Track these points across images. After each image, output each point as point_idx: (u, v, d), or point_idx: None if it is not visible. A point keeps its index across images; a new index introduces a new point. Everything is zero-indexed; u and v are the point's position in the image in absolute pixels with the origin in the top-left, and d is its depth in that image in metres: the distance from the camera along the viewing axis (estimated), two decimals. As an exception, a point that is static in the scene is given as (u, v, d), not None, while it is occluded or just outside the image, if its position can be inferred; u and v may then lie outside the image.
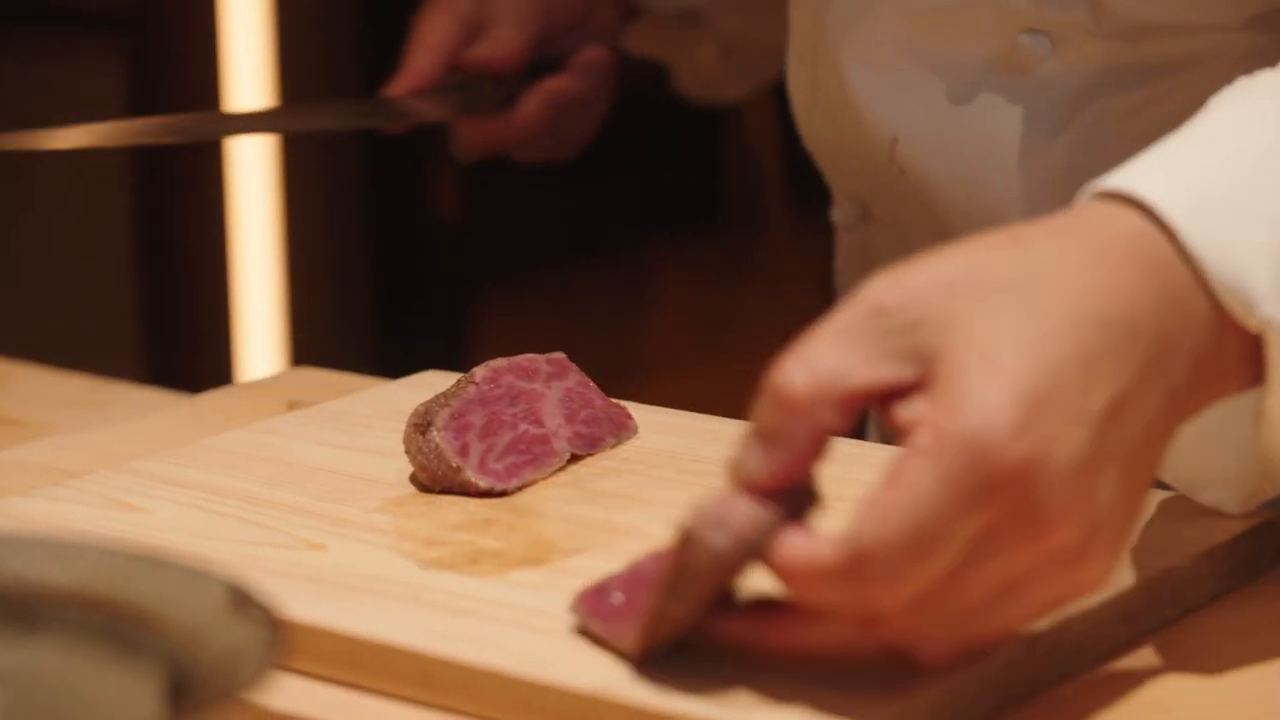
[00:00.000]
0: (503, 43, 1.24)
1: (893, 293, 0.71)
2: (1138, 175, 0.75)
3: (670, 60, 1.34)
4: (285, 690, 0.75)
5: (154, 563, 0.65)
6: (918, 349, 0.70)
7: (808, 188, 1.26)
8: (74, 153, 1.20)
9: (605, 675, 0.72)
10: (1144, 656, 0.78)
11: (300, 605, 0.77)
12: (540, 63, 1.26)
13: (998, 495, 0.68)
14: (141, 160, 2.59)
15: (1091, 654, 0.77)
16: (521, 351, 0.96)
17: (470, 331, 2.89)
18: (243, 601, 0.62)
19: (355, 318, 2.86)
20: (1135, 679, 0.76)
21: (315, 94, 2.72)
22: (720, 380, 1.73)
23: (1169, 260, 0.73)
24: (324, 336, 2.78)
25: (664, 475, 0.92)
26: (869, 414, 0.85)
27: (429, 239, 2.87)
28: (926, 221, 1.05)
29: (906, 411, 0.70)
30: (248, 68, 2.60)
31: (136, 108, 2.57)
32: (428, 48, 1.26)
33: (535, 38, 1.25)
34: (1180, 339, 0.72)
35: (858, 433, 0.89)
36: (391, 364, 1.11)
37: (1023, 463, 0.67)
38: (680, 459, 0.93)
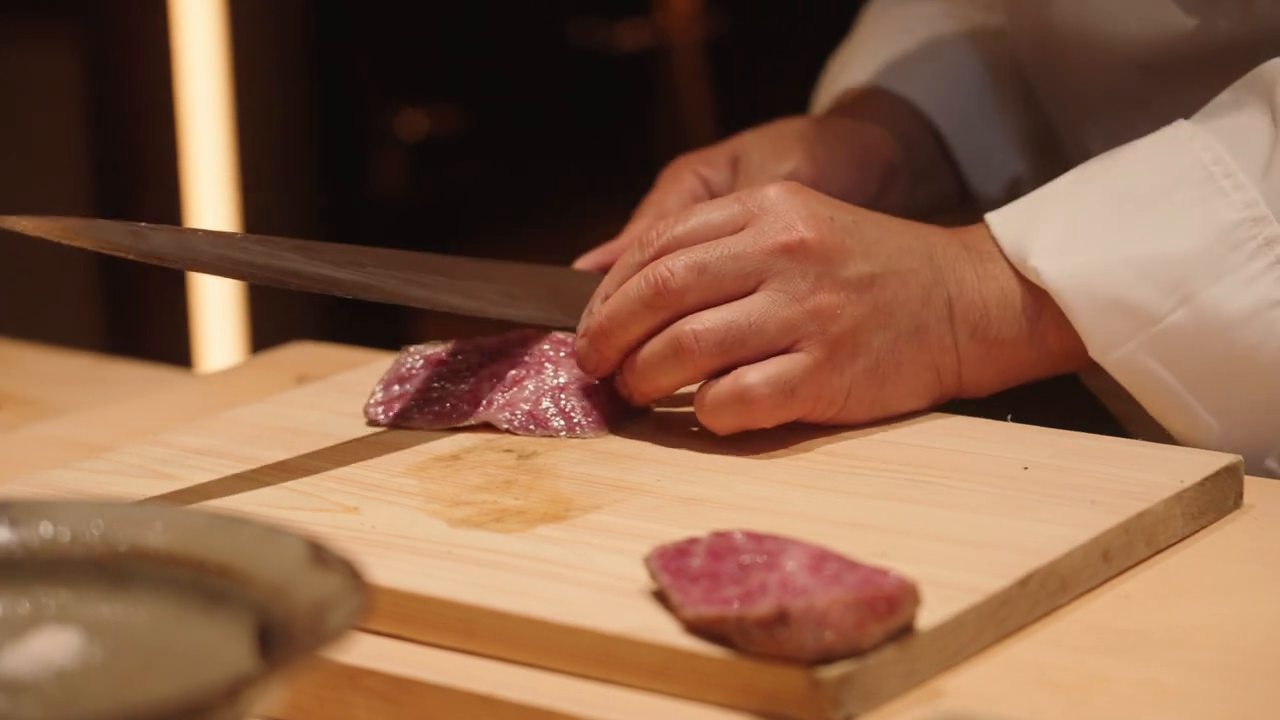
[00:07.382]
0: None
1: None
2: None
3: None
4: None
5: (232, 521, 0.70)
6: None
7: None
8: (35, 141, 1.19)
9: (636, 620, 0.78)
10: (1122, 591, 0.85)
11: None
12: None
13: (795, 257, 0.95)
14: (101, 162, 2.62)
15: (1075, 590, 0.84)
16: (473, 322, 1.05)
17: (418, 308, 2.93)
18: (322, 557, 0.67)
19: (309, 293, 2.89)
20: (1115, 612, 0.83)
21: (265, 75, 2.76)
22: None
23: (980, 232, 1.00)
24: (279, 310, 2.82)
25: (665, 438, 0.98)
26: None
27: (374, 214, 2.91)
28: None
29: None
30: (200, 47, 2.64)
31: (92, 92, 2.61)
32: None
33: None
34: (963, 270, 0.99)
35: None
36: (344, 337, 1.14)
37: (820, 242, 0.95)
38: (671, 421, 1.00)
